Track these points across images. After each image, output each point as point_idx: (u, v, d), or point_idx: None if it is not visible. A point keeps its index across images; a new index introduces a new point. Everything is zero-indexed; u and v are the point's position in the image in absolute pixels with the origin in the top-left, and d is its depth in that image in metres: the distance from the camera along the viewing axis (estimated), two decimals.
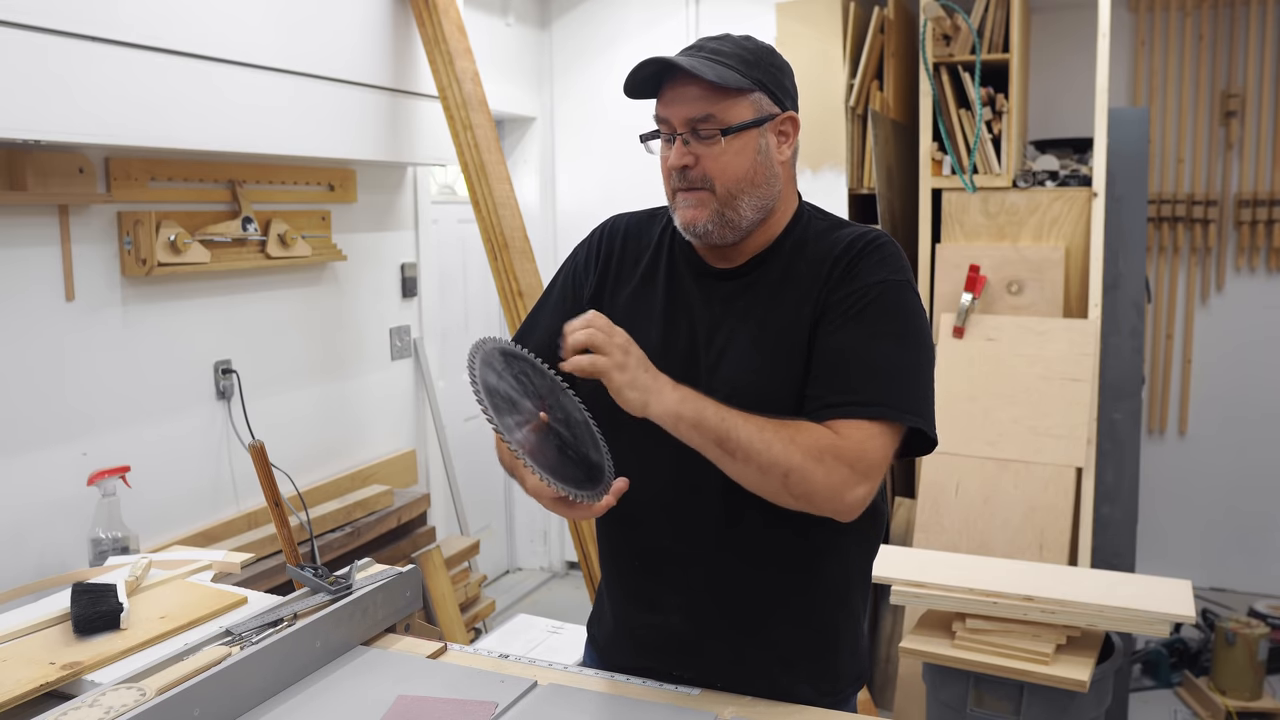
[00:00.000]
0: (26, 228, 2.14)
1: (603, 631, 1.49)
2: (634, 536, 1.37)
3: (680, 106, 1.26)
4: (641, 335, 1.33)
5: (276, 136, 2.54)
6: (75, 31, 1.99)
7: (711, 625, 1.34)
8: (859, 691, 1.44)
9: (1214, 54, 3.87)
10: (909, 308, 1.28)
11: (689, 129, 1.26)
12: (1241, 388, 3.98)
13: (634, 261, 1.42)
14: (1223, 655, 3.30)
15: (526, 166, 4.50)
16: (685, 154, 1.27)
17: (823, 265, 1.30)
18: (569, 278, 1.47)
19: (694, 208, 1.28)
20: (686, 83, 1.25)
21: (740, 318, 1.31)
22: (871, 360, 1.23)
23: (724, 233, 1.29)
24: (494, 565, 4.53)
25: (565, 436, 1.22)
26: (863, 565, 1.41)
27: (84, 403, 2.27)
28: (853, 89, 3.43)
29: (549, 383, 1.26)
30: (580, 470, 1.20)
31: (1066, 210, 3.11)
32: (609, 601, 1.47)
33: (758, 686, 1.34)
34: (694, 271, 1.37)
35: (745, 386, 1.26)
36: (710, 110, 1.25)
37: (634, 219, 1.47)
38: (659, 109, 1.29)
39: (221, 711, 1.23)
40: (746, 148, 1.27)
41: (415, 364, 3.45)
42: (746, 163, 1.27)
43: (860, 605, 1.41)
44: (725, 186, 1.27)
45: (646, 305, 1.37)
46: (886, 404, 1.21)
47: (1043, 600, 2.17)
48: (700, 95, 1.25)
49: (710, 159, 1.27)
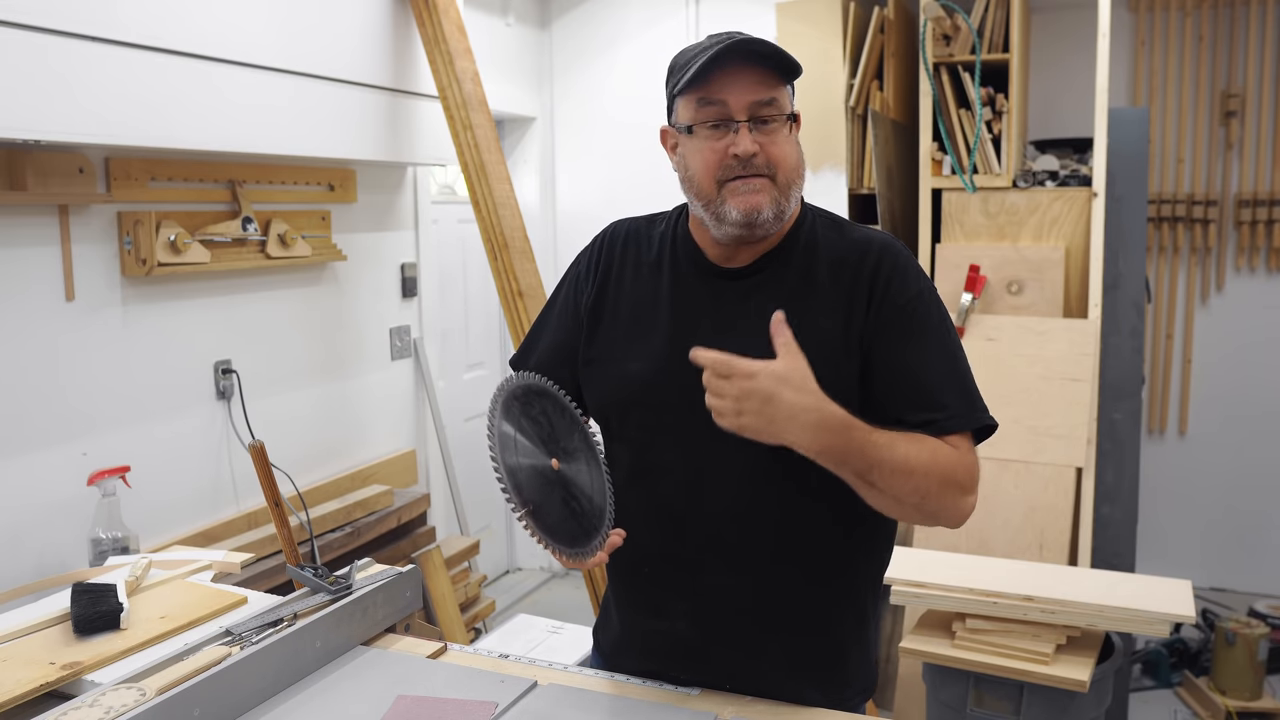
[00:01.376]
0: (26, 228, 2.14)
1: (609, 638, 1.48)
2: (643, 543, 1.35)
3: (745, 91, 1.22)
4: (647, 342, 1.33)
5: (276, 136, 2.54)
6: (75, 31, 1.99)
7: (718, 632, 1.33)
8: (867, 700, 1.42)
9: (1214, 54, 3.87)
10: (944, 310, 1.32)
11: (751, 115, 1.23)
12: (1241, 388, 3.98)
13: (635, 267, 1.39)
14: (1223, 655, 3.30)
15: (526, 166, 4.50)
16: (754, 140, 1.23)
17: (845, 272, 1.29)
18: (572, 286, 1.45)
19: (758, 193, 1.24)
20: (748, 67, 1.22)
21: (754, 319, 1.28)
22: (943, 372, 1.26)
23: (775, 224, 1.27)
24: (494, 565, 4.53)
25: (573, 484, 1.21)
26: (873, 575, 1.39)
27: (84, 403, 2.27)
28: (853, 89, 3.43)
29: (568, 420, 1.25)
30: (583, 521, 1.20)
31: (1066, 210, 3.11)
32: (615, 608, 1.46)
33: (764, 694, 1.33)
34: (700, 272, 1.34)
35: None
36: (774, 94, 1.23)
37: (634, 224, 1.45)
38: (713, 92, 1.23)
39: (221, 711, 1.23)
40: (794, 137, 1.27)
41: (415, 364, 3.45)
42: (797, 152, 1.27)
43: (871, 615, 1.39)
44: (785, 175, 1.25)
45: (651, 311, 1.35)
46: (970, 412, 1.25)
47: (1043, 600, 2.17)
48: (762, 79, 1.23)
49: (772, 145, 1.24)
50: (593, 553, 1.18)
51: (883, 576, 1.42)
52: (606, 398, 1.37)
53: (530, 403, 1.21)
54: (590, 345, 1.39)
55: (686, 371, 1.24)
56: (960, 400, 1.25)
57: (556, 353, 1.42)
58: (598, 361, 1.38)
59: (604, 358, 1.37)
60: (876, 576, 1.40)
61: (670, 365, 1.29)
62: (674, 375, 1.28)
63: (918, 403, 1.24)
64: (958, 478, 1.20)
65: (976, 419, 1.25)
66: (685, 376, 1.25)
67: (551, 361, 1.42)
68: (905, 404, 1.24)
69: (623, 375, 1.34)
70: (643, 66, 4.24)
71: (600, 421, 1.40)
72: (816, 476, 1.20)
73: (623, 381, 1.34)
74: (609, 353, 1.37)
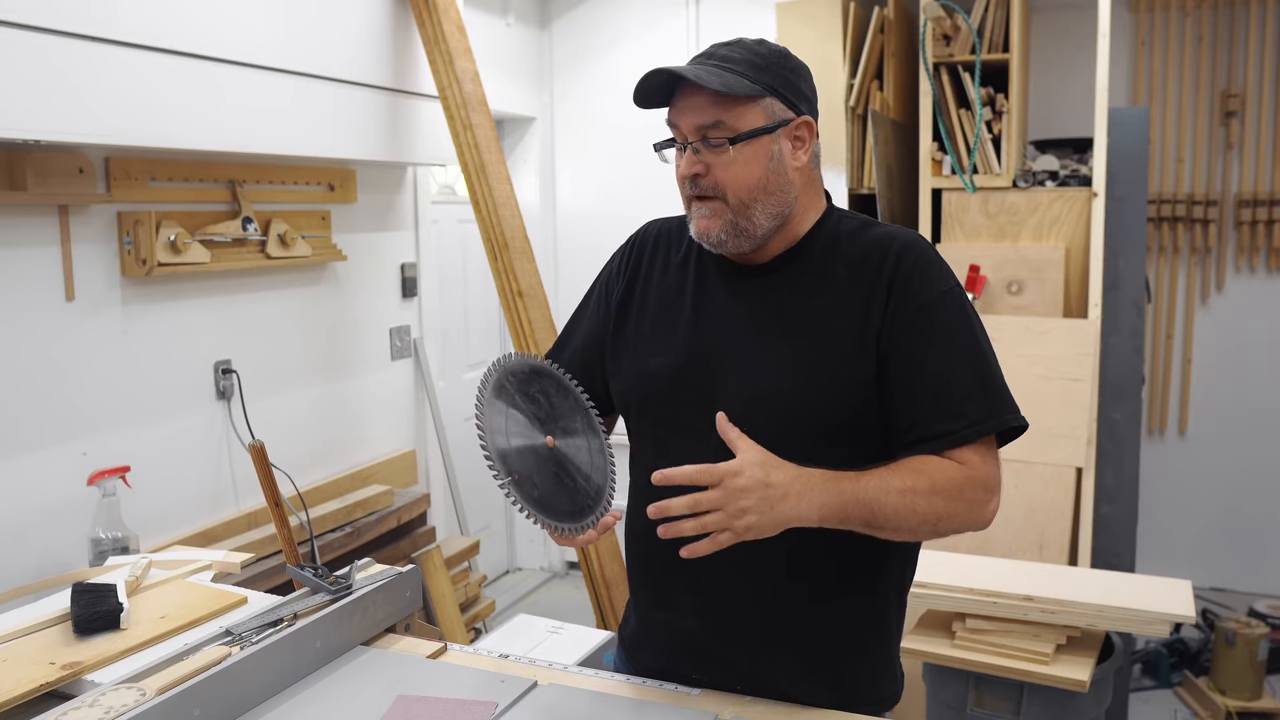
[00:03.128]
0: (26, 228, 2.14)
1: (629, 631, 1.49)
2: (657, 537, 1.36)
3: (689, 115, 1.25)
4: (668, 338, 1.35)
5: (276, 136, 2.53)
6: (76, 31, 1.99)
7: (727, 630, 1.32)
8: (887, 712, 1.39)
9: (1214, 54, 3.87)
10: (971, 310, 1.29)
11: (699, 137, 1.25)
12: (1241, 388, 3.98)
13: (664, 266, 1.41)
14: (1223, 655, 3.30)
15: (526, 166, 4.50)
16: (695, 162, 1.26)
17: (864, 271, 1.27)
18: (605, 285, 1.47)
19: (707, 218, 1.28)
20: (695, 91, 1.24)
21: (771, 316, 1.30)
22: (965, 377, 1.24)
23: (739, 242, 1.28)
24: (494, 565, 4.53)
25: (570, 462, 1.22)
26: (896, 582, 1.36)
27: (84, 402, 2.27)
28: (853, 89, 3.43)
29: (571, 402, 1.26)
30: (577, 499, 1.20)
31: (1066, 210, 3.11)
32: (634, 603, 1.47)
33: (774, 696, 1.32)
34: (721, 270, 1.36)
35: (770, 395, 1.26)
36: (719, 117, 1.24)
37: (667, 224, 1.47)
38: (670, 116, 1.28)
39: (221, 711, 1.23)
40: (757, 155, 1.25)
41: (415, 364, 3.45)
42: (758, 170, 1.26)
43: (894, 623, 1.37)
44: (737, 195, 1.26)
45: (675, 308, 1.37)
46: (991, 418, 1.23)
47: (1043, 600, 2.17)
48: (708, 103, 1.24)
49: (720, 167, 1.25)
50: (582, 530, 1.19)
51: (908, 585, 1.38)
52: (628, 392, 1.39)
53: (529, 381, 1.23)
54: (616, 340, 1.41)
55: (703, 367, 1.25)
56: (980, 407, 1.23)
57: (589, 348, 1.45)
58: (622, 357, 1.40)
59: (628, 353, 1.39)
60: (900, 584, 1.37)
61: (687, 361, 1.31)
62: (692, 371, 1.30)
63: (936, 413, 1.22)
64: (966, 493, 1.19)
65: (999, 422, 1.23)
66: (702, 372, 1.25)
67: (585, 356, 1.45)
68: (924, 413, 1.23)
69: (644, 371, 1.36)
70: (643, 67, 4.18)
71: (623, 413, 1.42)
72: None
73: (643, 376, 1.36)
74: (633, 348, 1.39)
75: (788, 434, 1.23)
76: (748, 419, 1.23)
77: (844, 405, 1.25)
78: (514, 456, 1.17)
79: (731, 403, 1.25)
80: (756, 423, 1.20)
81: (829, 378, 1.25)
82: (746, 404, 1.25)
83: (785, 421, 1.25)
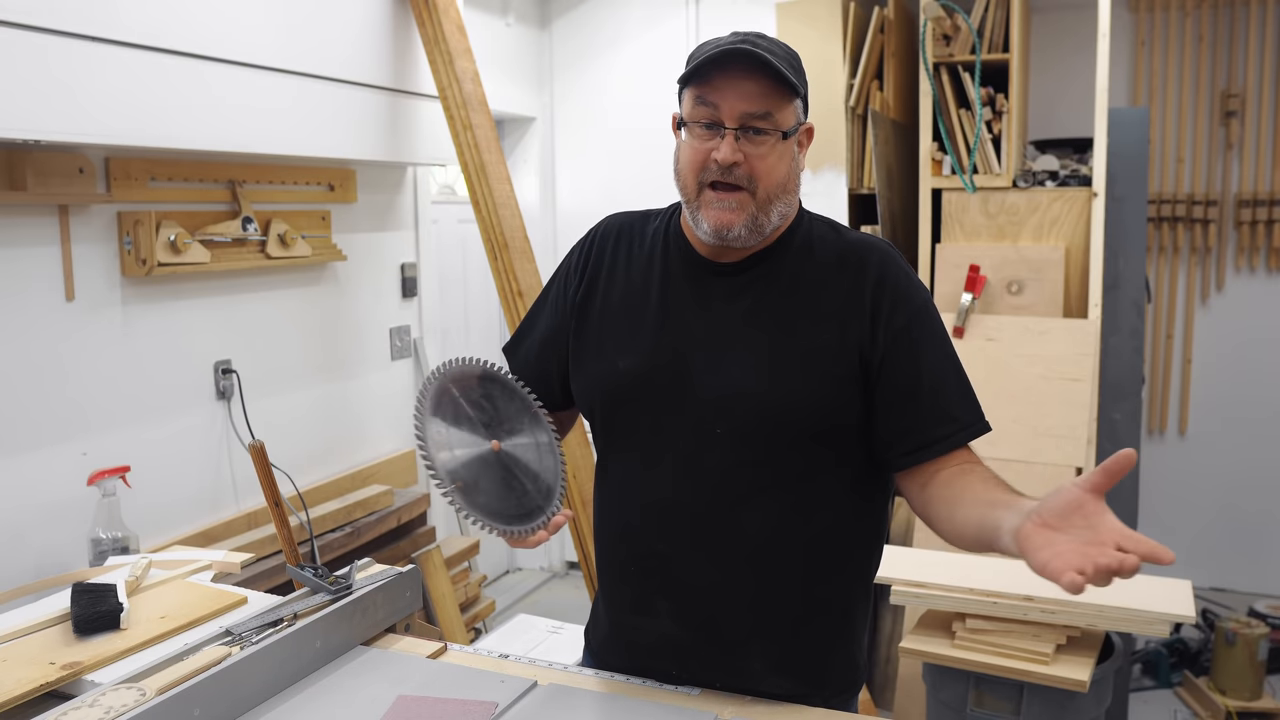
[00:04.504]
0: (26, 228, 2.14)
1: (598, 636, 1.48)
2: (631, 541, 1.35)
3: (739, 100, 1.20)
4: (635, 337, 1.32)
5: (276, 137, 2.54)
6: (75, 31, 1.99)
7: (702, 629, 1.32)
8: (856, 695, 1.42)
9: (1214, 54, 3.87)
10: (939, 316, 1.33)
11: (741, 124, 1.21)
12: (1241, 388, 3.98)
13: (626, 263, 1.38)
14: (1223, 655, 3.30)
15: (526, 166, 4.50)
16: (737, 150, 1.21)
17: (841, 276, 1.28)
18: (563, 281, 1.44)
19: (731, 210, 1.23)
20: (747, 75, 1.20)
21: (744, 320, 1.28)
22: (953, 383, 1.28)
23: (751, 238, 1.26)
24: (494, 565, 4.53)
25: (519, 464, 1.22)
26: (862, 572, 1.38)
27: (84, 403, 2.27)
28: (853, 89, 3.43)
29: (518, 403, 1.26)
30: (526, 500, 1.21)
31: (1066, 210, 3.11)
32: (604, 606, 1.45)
33: (746, 690, 1.33)
34: (691, 268, 1.33)
35: (744, 396, 1.25)
36: (770, 109, 1.21)
37: (628, 219, 1.44)
38: (708, 94, 1.21)
39: (221, 711, 1.23)
40: (787, 153, 1.25)
41: (415, 364, 3.45)
42: (786, 168, 1.25)
43: (859, 613, 1.38)
44: (766, 190, 1.23)
45: (641, 306, 1.34)
46: (979, 420, 1.28)
47: (1043, 600, 2.17)
48: (763, 92, 1.20)
49: (758, 159, 1.22)
50: (532, 531, 1.19)
51: (873, 574, 1.40)
52: (593, 392, 1.36)
53: (473, 386, 1.23)
54: (578, 339, 1.38)
55: (673, 367, 1.24)
56: (968, 410, 1.27)
57: (546, 345, 1.43)
58: (585, 357, 1.37)
59: (591, 352, 1.36)
60: (866, 574, 1.39)
61: (657, 361, 1.29)
62: (660, 371, 1.28)
63: (935, 419, 1.25)
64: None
65: (984, 424, 1.28)
66: (671, 372, 1.24)
67: (542, 353, 1.42)
68: (924, 419, 1.25)
69: (610, 371, 1.33)
70: (643, 67, 4.24)
71: (586, 415, 1.40)
72: (801, 477, 1.19)
73: (610, 376, 1.33)
74: (597, 348, 1.36)
75: (760, 434, 1.24)
76: (721, 420, 1.23)
77: (818, 406, 1.25)
78: (458, 464, 1.17)
79: (704, 403, 1.25)
80: (730, 424, 1.20)
81: (804, 379, 1.25)
82: (720, 405, 1.25)
83: (759, 422, 1.24)
